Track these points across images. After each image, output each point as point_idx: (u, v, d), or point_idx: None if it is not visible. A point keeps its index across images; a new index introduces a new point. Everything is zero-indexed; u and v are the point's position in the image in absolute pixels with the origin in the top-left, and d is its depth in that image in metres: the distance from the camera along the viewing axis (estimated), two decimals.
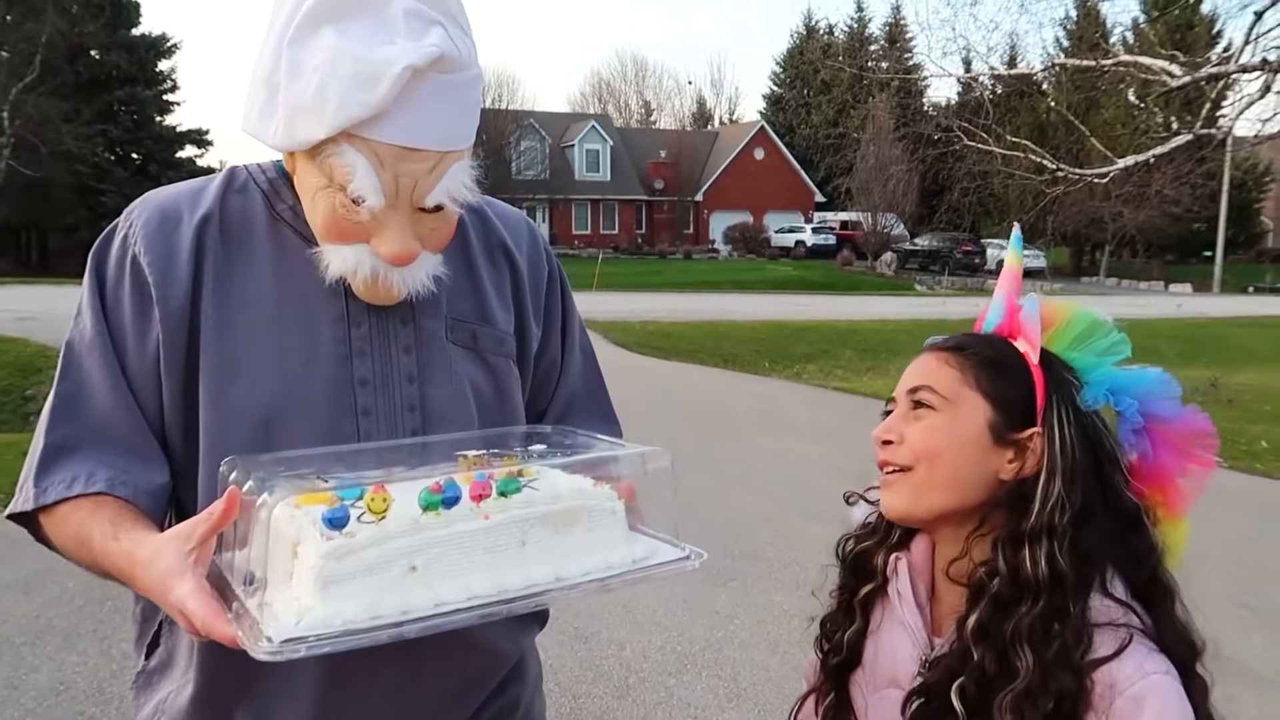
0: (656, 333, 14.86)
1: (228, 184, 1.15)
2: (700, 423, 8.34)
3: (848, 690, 1.18)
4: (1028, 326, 1.08)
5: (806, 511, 5.63)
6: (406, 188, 1.00)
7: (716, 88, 78.93)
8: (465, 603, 0.87)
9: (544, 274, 1.30)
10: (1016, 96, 15.13)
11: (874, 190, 35.76)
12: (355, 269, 1.04)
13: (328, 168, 1.00)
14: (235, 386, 1.06)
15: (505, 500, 0.92)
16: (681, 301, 21.25)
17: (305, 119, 0.98)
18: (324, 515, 0.84)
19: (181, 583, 0.86)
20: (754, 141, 46.48)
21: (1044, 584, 0.97)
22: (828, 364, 13.18)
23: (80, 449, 1.05)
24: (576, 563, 0.95)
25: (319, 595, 0.82)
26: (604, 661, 3.65)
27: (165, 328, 1.06)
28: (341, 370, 1.09)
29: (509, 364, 1.22)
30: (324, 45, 0.96)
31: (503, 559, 0.91)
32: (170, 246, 1.08)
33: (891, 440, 1.08)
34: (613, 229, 44.06)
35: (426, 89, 0.97)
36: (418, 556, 0.86)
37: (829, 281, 31.41)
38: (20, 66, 28.97)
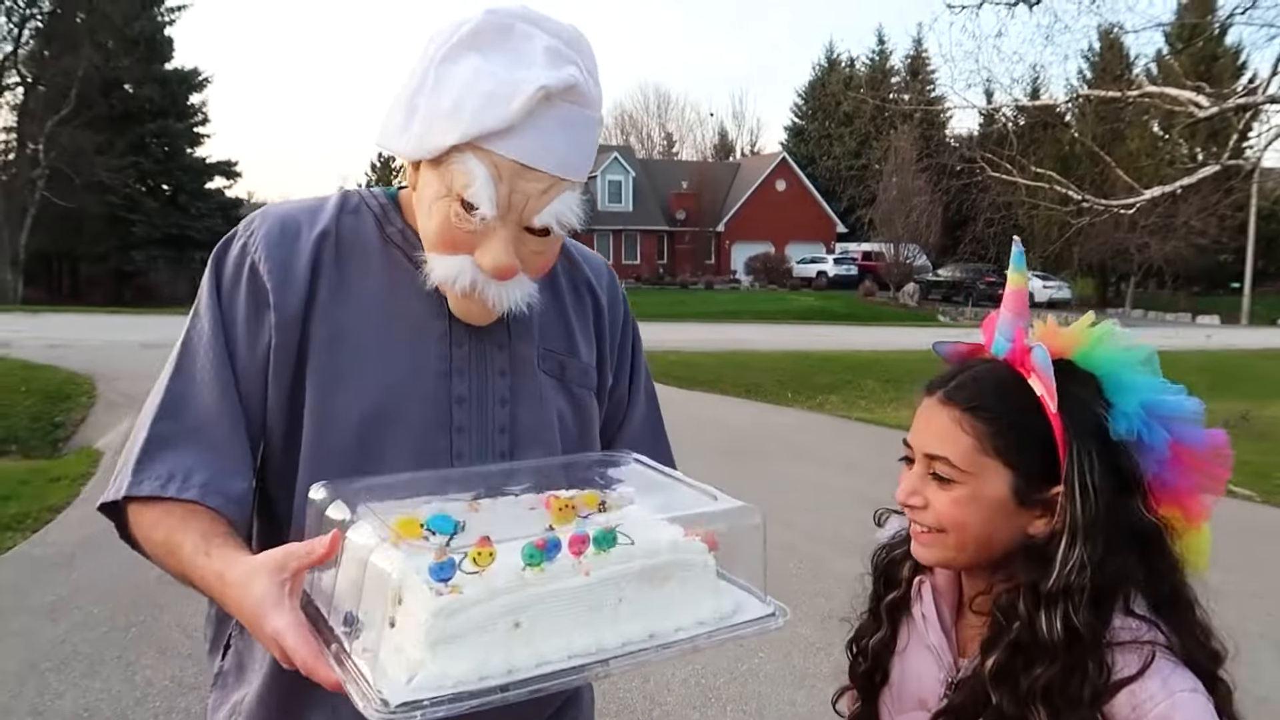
0: (678, 362, 14.84)
1: (342, 205, 1.21)
2: (723, 452, 8.30)
3: (877, 707, 1.19)
4: (1041, 372, 1.03)
5: (832, 543, 5.58)
6: (518, 204, 1.05)
7: (738, 119, 79.50)
8: (567, 662, 0.86)
9: (620, 314, 1.36)
10: (1040, 128, 15.13)
11: (897, 221, 35.71)
12: (456, 278, 1.08)
13: (449, 176, 1.05)
14: (340, 396, 1.11)
15: (603, 555, 0.90)
16: (703, 331, 21.25)
17: (440, 127, 1.04)
18: (431, 569, 0.82)
19: (279, 614, 0.87)
20: (776, 173, 46.63)
21: (1059, 645, 0.97)
22: (851, 394, 13.11)
23: (180, 445, 1.08)
24: (669, 618, 0.94)
25: (429, 652, 0.81)
26: (627, 694, 3.61)
27: (279, 335, 1.11)
28: (441, 386, 1.14)
29: (591, 396, 1.27)
30: (468, 65, 1.04)
31: (601, 616, 0.90)
32: (289, 257, 1.14)
33: (915, 504, 1.07)
34: (635, 259, 44.23)
35: (554, 114, 1.04)
36: (522, 614, 0.86)
37: (851, 312, 31.33)
38: (56, 100, 29.66)
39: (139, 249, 33.40)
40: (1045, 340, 1.06)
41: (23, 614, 4.16)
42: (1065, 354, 1.05)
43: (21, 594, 4.42)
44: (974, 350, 1.14)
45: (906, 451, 1.10)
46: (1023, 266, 1.13)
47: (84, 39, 29.53)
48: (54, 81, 30.05)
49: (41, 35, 31.11)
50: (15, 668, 3.63)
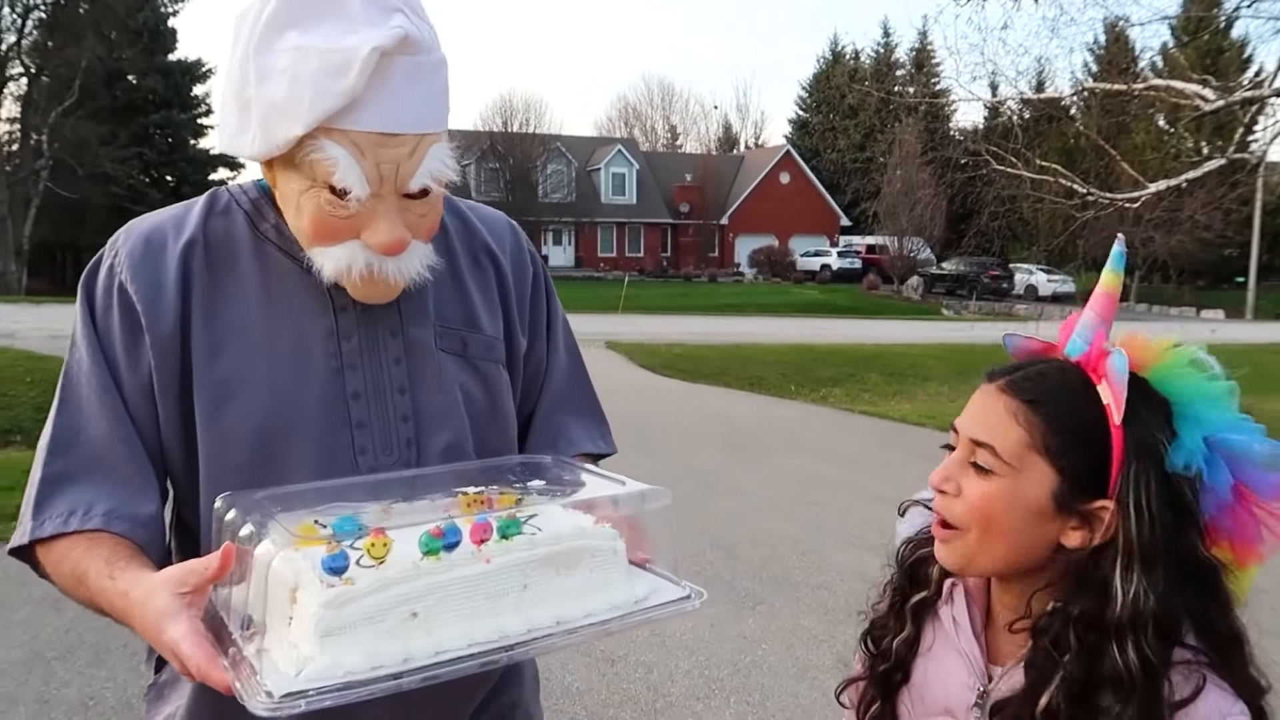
0: (682, 355, 14.84)
1: (210, 207, 1.16)
2: (726, 445, 8.30)
3: (895, 707, 1.15)
4: (1114, 381, 0.96)
5: (834, 536, 5.58)
6: (389, 174, 1.00)
7: (742, 112, 79.33)
8: (466, 650, 0.86)
9: (529, 275, 1.30)
10: (1045, 121, 15.08)
11: (901, 214, 35.69)
12: (349, 266, 1.04)
13: (309, 166, 1.00)
14: (230, 407, 1.07)
15: (506, 543, 0.90)
16: (706, 324, 21.23)
17: (281, 120, 0.98)
18: (324, 561, 0.82)
19: (175, 624, 0.86)
20: (780, 165, 46.57)
21: (1137, 678, 0.90)
22: (854, 388, 13.09)
23: (77, 480, 1.05)
24: (578, 604, 0.93)
25: (319, 645, 0.81)
26: (631, 685, 3.61)
27: (156, 353, 1.07)
28: (334, 384, 1.10)
29: (499, 369, 1.22)
30: (288, 46, 0.97)
31: (504, 603, 0.89)
32: (156, 273, 1.09)
33: (948, 490, 1.01)
34: (638, 252, 44.22)
35: (396, 72, 0.98)
36: (419, 603, 0.85)
37: (855, 305, 31.29)
38: (60, 91, 29.63)
39: None
40: (1126, 348, 0.99)
41: (28, 604, 4.17)
42: (1140, 369, 0.98)
43: (26, 584, 4.43)
44: (1046, 349, 1.07)
45: (951, 439, 1.05)
46: (1121, 268, 1.05)
47: (87, 30, 29.50)
48: (57, 72, 30.02)
49: (45, 26, 31.07)
50: (21, 657, 3.65)
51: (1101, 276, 1.05)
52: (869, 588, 1.26)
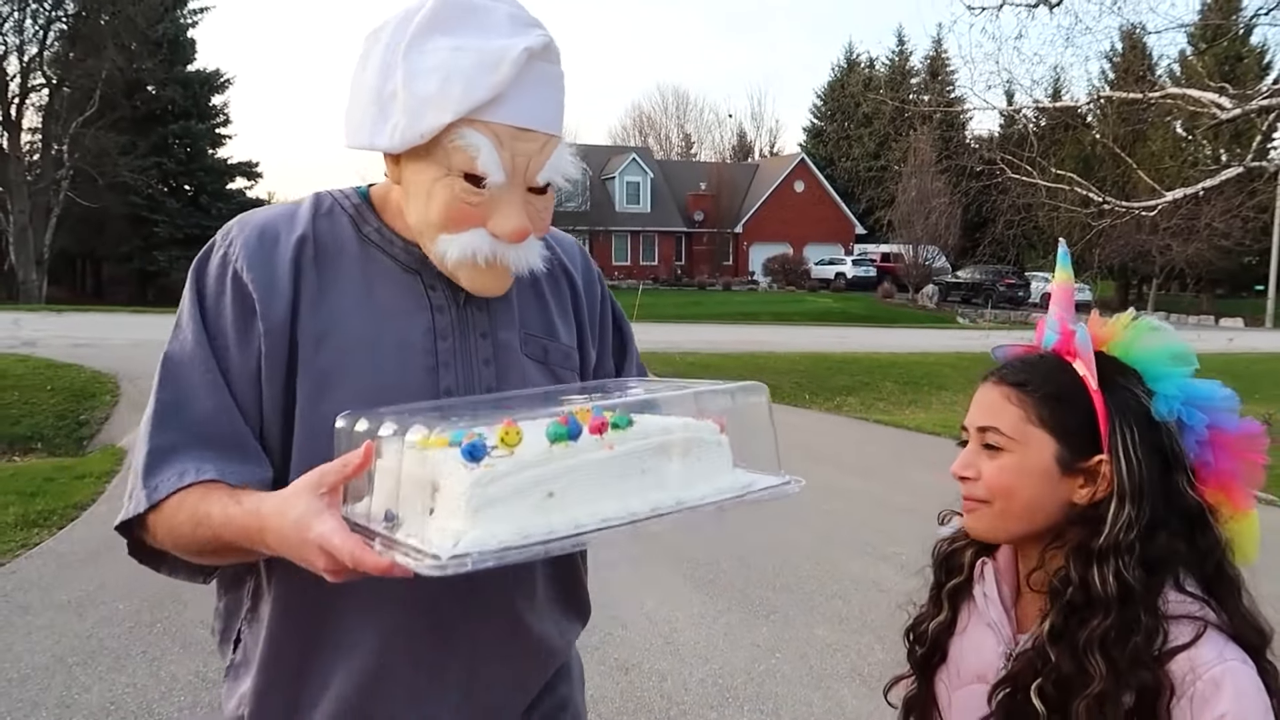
0: (696, 364, 14.85)
1: (316, 208, 1.22)
2: (740, 454, 8.30)
3: (933, 686, 1.25)
4: (1082, 353, 1.12)
5: (849, 545, 5.58)
6: (521, 166, 1.09)
7: (757, 121, 79.33)
8: (600, 524, 0.93)
9: (598, 294, 1.39)
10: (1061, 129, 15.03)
11: (916, 223, 35.56)
12: (474, 252, 1.11)
13: (446, 155, 1.08)
14: (331, 397, 1.11)
15: (624, 432, 0.99)
16: (721, 333, 21.23)
17: (430, 110, 1.06)
18: (464, 449, 0.88)
19: (321, 521, 0.91)
20: (794, 174, 46.53)
21: (1113, 598, 1.04)
22: (869, 396, 13.08)
23: (184, 450, 1.09)
24: (691, 489, 1.01)
25: (471, 520, 0.88)
26: (645, 693, 3.63)
27: (268, 340, 1.12)
28: (429, 381, 1.17)
29: (574, 377, 1.30)
30: (440, 47, 1.07)
31: (627, 485, 0.98)
32: (271, 264, 1.15)
33: (969, 476, 1.16)
34: (652, 260, 44.24)
35: (536, 75, 1.09)
36: (553, 484, 0.93)
37: (869, 314, 31.22)
38: (80, 101, 29.94)
39: (161, 249, 33.69)
40: (1090, 329, 1.15)
41: (50, 609, 4.22)
42: (1104, 345, 1.14)
43: (48, 590, 4.49)
44: (1027, 350, 1.23)
45: (963, 435, 1.19)
46: (1068, 265, 1.23)
47: (108, 41, 29.77)
48: (78, 83, 30.34)
49: (66, 38, 31.40)
50: (44, 662, 3.70)
51: (1055, 275, 1.24)
52: (884, 597, 1.32)
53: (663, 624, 4.30)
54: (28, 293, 28.77)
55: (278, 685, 1.16)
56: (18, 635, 3.93)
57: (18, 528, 5.37)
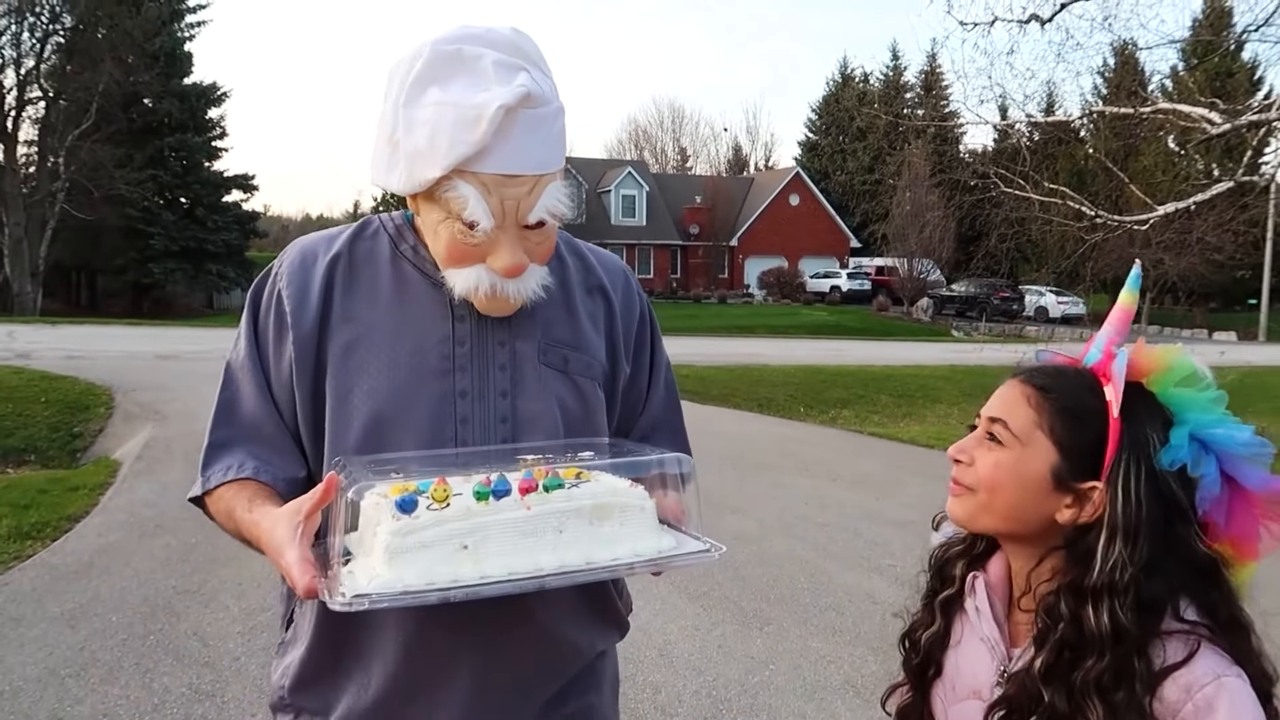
0: (691, 376, 14.85)
1: (360, 230, 1.37)
2: (735, 466, 8.31)
3: (929, 699, 1.25)
4: (1115, 378, 1.09)
5: (843, 558, 5.59)
6: (511, 209, 1.18)
7: (752, 134, 79.69)
8: (507, 577, 1.03)
9: (636, 314, 1.47)
10: (1054, 143, 15.13)
11: (910, 236, 35.71)
12: (476, 286, 1.22)
13: (444, 202, 1.17)
14: (353, 398, 1.25)
15: (547, 495, 1.08)
16: (716, 345, 21.25)
17: (422, 163, 1.16)
18: (397, 501, 1.02)
19: (290, 550, 1.04)
20: (789, 187, 46.70)
21: (1107, 640, 1.01)
22: (864, 409, 13.08)
23: (235, 445, 1.28)
24: (607, 550, 1.09)
25: (387, 564, 1.01)
26: (639, 705, 3.63)
27: (296, 349, 1.27)
28: (444, 383, 1.27)
29: (594, 386, 1.37)
30: (431, 101, 1.15)
31: (541, 543, 1.06)
32: (305, 283, 1.30)
33: (962, 460, 1.16)
34: (648, 273, 44.33)
35: (519, 124, 1.15)
36: (469, 537, 1.03)
37: (864, 327, 31.28)
38: (77, 114, 30.00)
39: (156, 261, 33.70)
40: (1133, 357, 1.12)
41: (42, 622, 4.21)
42: (1144, 377, 1.10)
43: (41, 602, 4.47)
44: (1070, 362, 1.21)
45: (975, 421, 1.19)
46: (1136, 289, 1.20)
47: (105, 54, 29.84)
48: (75, 96, 30.39)
49: (63, 51, 31.46)
50: (36, 674, 3.68)
51: (1120, 295, 1.20)
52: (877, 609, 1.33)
53: (657, 636, 4.30)
54: (22, 305, 28.72)
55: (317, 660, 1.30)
56: (10, 647, 3.92)
57: (11, 539, 5.35)
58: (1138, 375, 1.10)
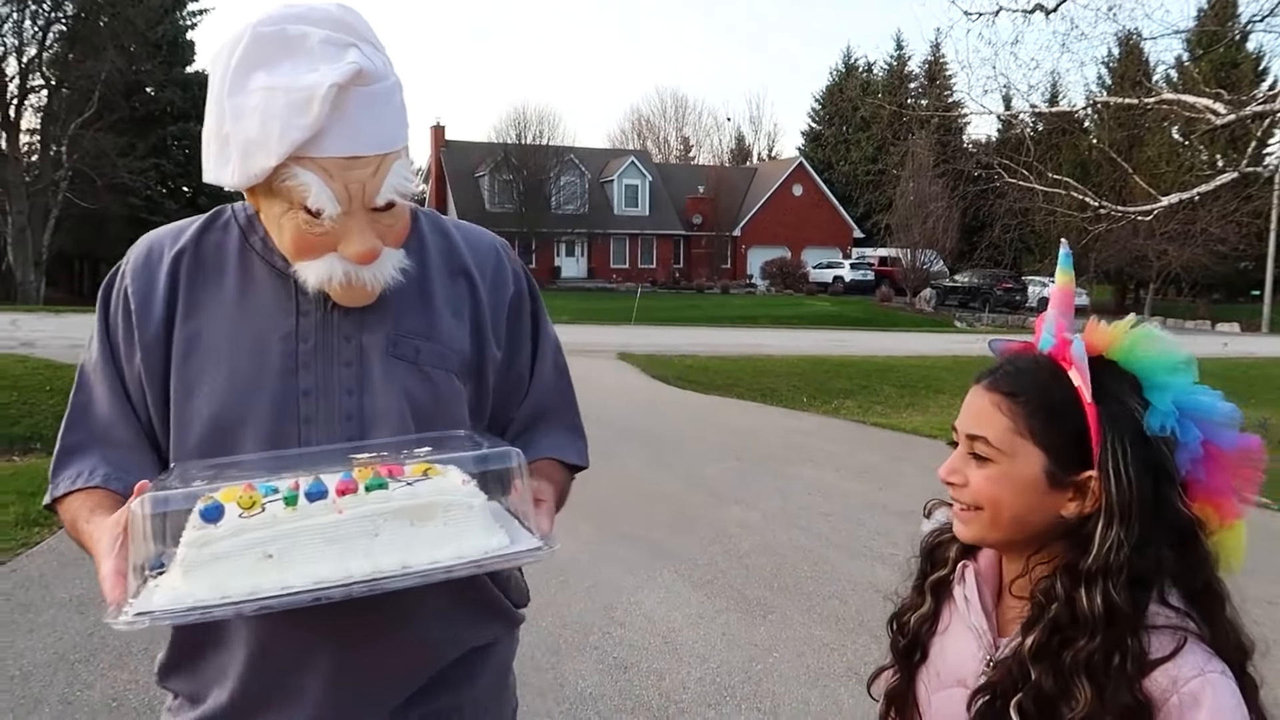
0: (694, 366, 14.88)
1: (210, 222, 1.31)
2: (739, 456, 8.33)
3: (914, 684, 1.25)
4: (1078, 364, 1.09)
5: (846, 547, 5.61)
6: (357, 192, 1.13)
7: (755, 124, 79.25)
8: (311, 587, 0.98)
9: (507, 294, 1.39)
10: (1058, 134, 15.09)
11: (913, 227, 35.64)
12: (329, 276, 1.17)
13: (285, 191, 1.12)
14: (194, 399, 1.22)
15: (364, 497, 1.02)
16: (719, 336, 21.27)
17: (256, 153, 1.10)
18: (201, 510, 0.98)
19: (106, 562, 1.03)
20: (792, 177, 46.63)
21: (1100, 620, 1.02)
22: (867, 400, 13.10)
23: (87, 450, 1.25)
24: (428, 552, 1.03)
25: (182, 577, 0.98)
26: (643, 691, 3.65)
27: (143, 348, 1.24)
28: (287, 382, 1.22)
29: (450, 377, 1.29)
30: (257, 87, 1.09)
31: (354, 548, 1.01)
32: (150, 281, 1.26)
33: (955, 481, 1.15)
34: (651, 263, 44.30)
35: (354, 102, 1.10)
36: (272, 545, 0.99)
37: (867, 317, 31.26)
38: (79, 103, 29.94)
39: None
40: (1088, 337, 1.12)
41: (51, 607, 4.25)
42: (1106, 352, 1.11)
43: (49, 587, 4.51)
44: (1024, 347, 1.20)
45: (954, 435, 1.17)
46: (1069, 268, 1.19)
47: (107, 43, 29.78)
48: (77, 85, 30.33)
49: (65, 39, 31.39)
50: (46, 659, 3.72)
51: (1056, 276, 1.19)
52: (881, 598, 1.32)
53: (661, 623, 4.33)
54: (25, 294, 28.76)
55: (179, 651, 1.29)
56: (19, 633, 3.96)
57: (18, 526, 5.39)
58: (1096, 351, 1.11)
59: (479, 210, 41.06)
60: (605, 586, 4.80)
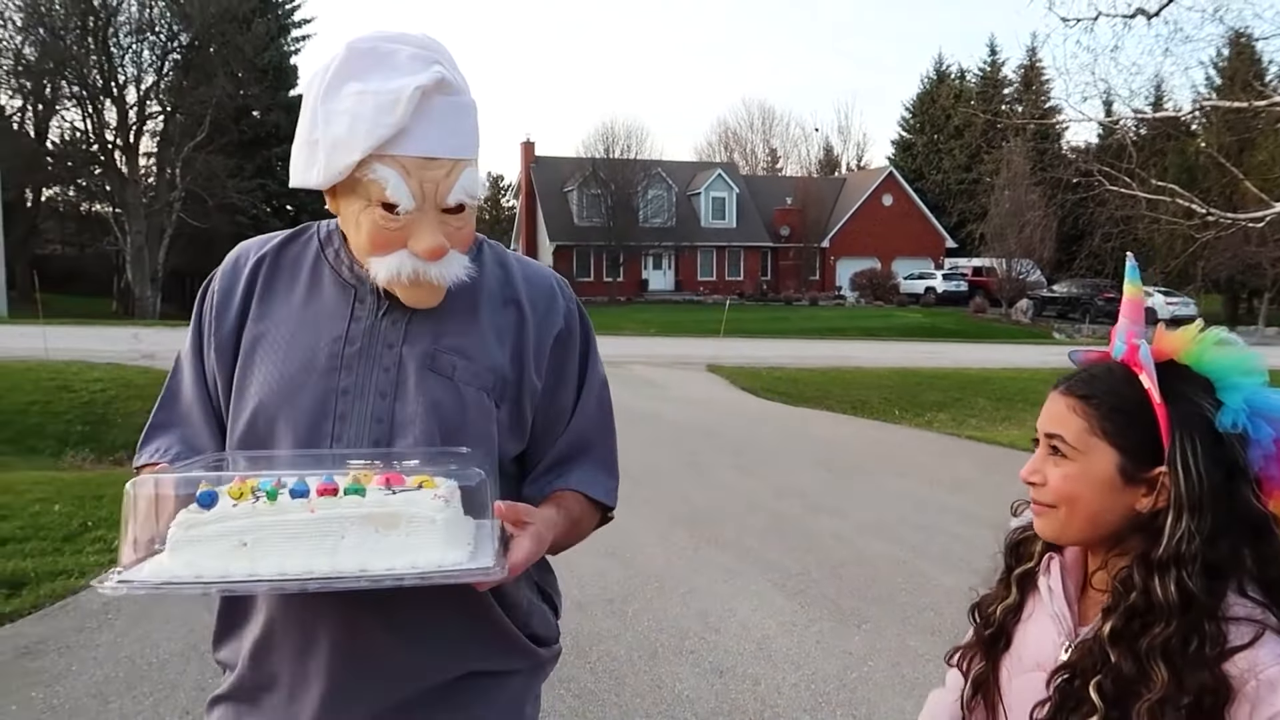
0: (783, 378, 14.85)
1: (295, 235, 1.45)
2: (829, 468, 8.32)
3: (997, 669, 1.31)
4: (1145, 366, 1.15)
5: (941, 560, 5.58)
6: (430, 191, 1.23)
7: (844, 134, 78.55)
8: (274, 577, 1.07)
9: (554, 331, 1.42)
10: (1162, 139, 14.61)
11: (1009, 236, 34.82)
12: (399, 271, 1.26)
13: (365, 188, 1.23)
14: (246, 394, 1.33)
15: (337, 500, 1.09)
16: (807, 348, 21.15)
17: (342, 150, 1.21)
18: (199, 495, 1.09)
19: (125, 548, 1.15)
20: (882, 187, 46.02)
21: (1175, 606, 1.07)
22: (960, 412, 12.90)
23: (169, 428, 1.40)
24: (386, 560, 1.09)
25: (169, 554, 1.08)
26: (739, 696, 3.72)
27: (217, 345, 1.37)
28: (329, 379, 1.31)
29: (483, 395, 1.34)
30: (349, 93, 1.21)
31: (320, 547, 1.08)
32: (233, 282, 1.40)
33: (1035, 481, 1.21)
34: (738, 275, 44.23)
35: (435, 108, 1.22)
36: (248, 535, 1.08)
37: (960, 329, 30.65)
38: (191, 127, 31.58)
39: None
40: (1157, 344, 1.18)
41: (184, 601, 4.53)
42: (1176, 356, 1.17)
43: None
44: (1101, 356, 1.27)
45: (1035, 437, 1.25)
46: (1137, 279, 1.26)
47: (218, 70, 31.38)
48: (191, 110, 32.00)
49: (180, 68, 33.15)
50: (179, 648, 3.99)
51: (1125, 288, 1.27)
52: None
53: (755, 630, 4.39)
54: (143, 308, 30.39)
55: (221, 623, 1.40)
56: (155, 624, 4.24)
57: None
58: (1167, 356, 1.16)
59: (568, 224, 41.65)
60: (701, 593, 4.88)
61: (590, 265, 42.09)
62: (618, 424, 1.52)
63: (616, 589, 4.92)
